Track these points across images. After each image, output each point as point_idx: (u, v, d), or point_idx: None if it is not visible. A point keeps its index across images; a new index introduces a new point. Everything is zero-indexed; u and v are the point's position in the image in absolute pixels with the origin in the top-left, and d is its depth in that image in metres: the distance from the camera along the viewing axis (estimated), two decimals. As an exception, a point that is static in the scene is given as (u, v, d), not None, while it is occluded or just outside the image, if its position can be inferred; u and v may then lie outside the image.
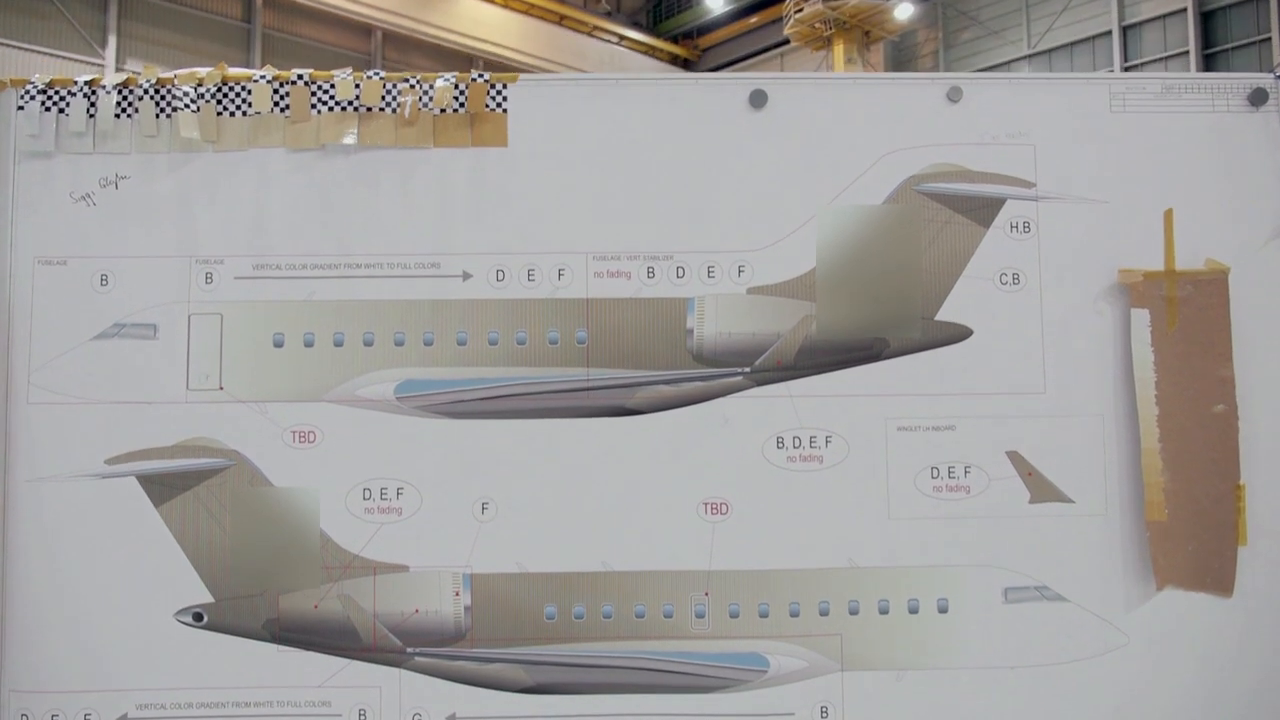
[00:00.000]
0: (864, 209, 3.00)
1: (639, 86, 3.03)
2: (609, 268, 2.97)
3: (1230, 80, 3.07)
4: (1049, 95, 3.05)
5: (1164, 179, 3.03)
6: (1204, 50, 29.83)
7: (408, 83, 3.00)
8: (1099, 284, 3.01)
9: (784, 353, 2.96)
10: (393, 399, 2.93)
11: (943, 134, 3.03)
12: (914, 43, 35.77)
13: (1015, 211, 3.02)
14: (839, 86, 3.06)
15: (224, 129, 2.98)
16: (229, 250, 2.97)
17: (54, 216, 2.96)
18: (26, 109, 2.96)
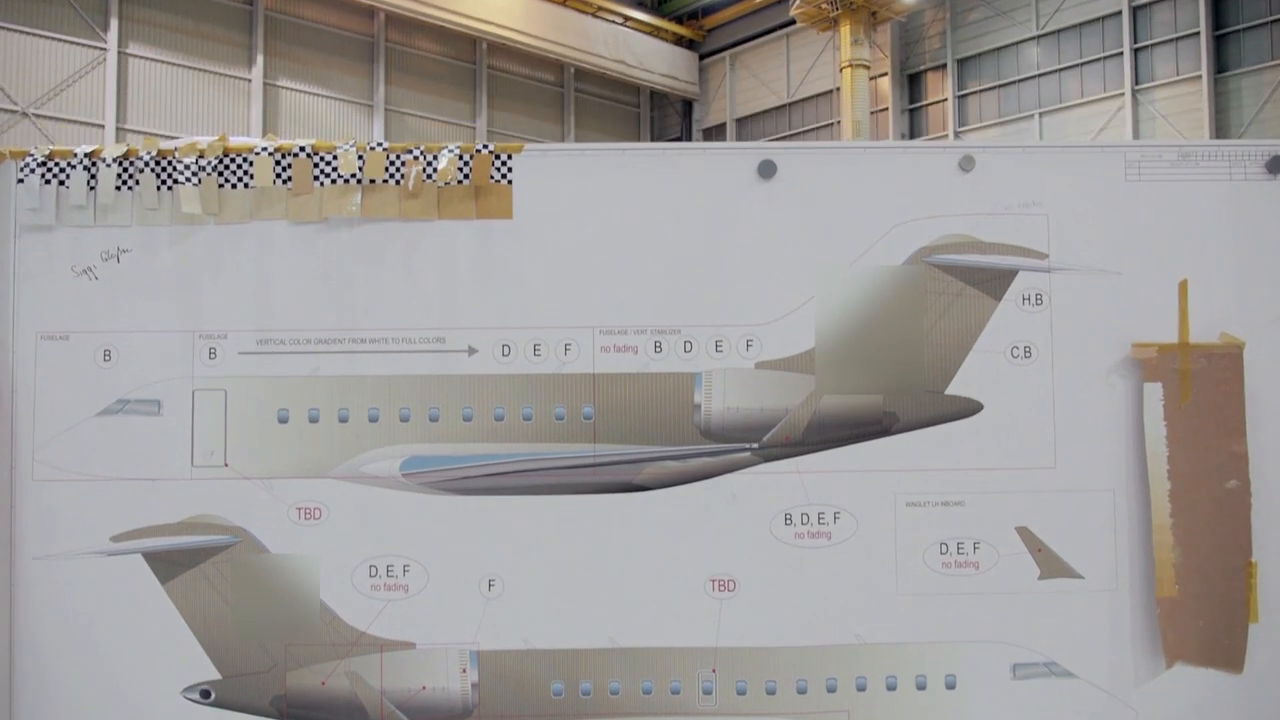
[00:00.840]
0: (873, 282, 2.96)
1: (645, 156, 2.99)
2: (616, 342, 2.94)
3: (1248, 148, 3.02)
4: (1063, 164, 3.00)
5: (1179, 249, 2.99)
6: (1215, 31, 29.49)
7: (411, 154, 2.96)
8: (1112, 357, 2.97)
9: (792, 428, 2.93)
10: (398, 475, 2.92)
11: (954, 204, 2.98)
12: (921, 23, 35.39)
13: (1027, 283, 2.98)
14: (849, 155, 3.01)
15: (226, 201, 2.95)
16: (232, 325, 2.94)
17: (55, 290, 2.94)
18: (26, 182, 2.92)
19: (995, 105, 34.13)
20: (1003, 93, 33.89)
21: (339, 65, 34.70)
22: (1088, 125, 31.88)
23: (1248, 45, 29.38)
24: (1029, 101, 33.21)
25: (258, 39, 32.84)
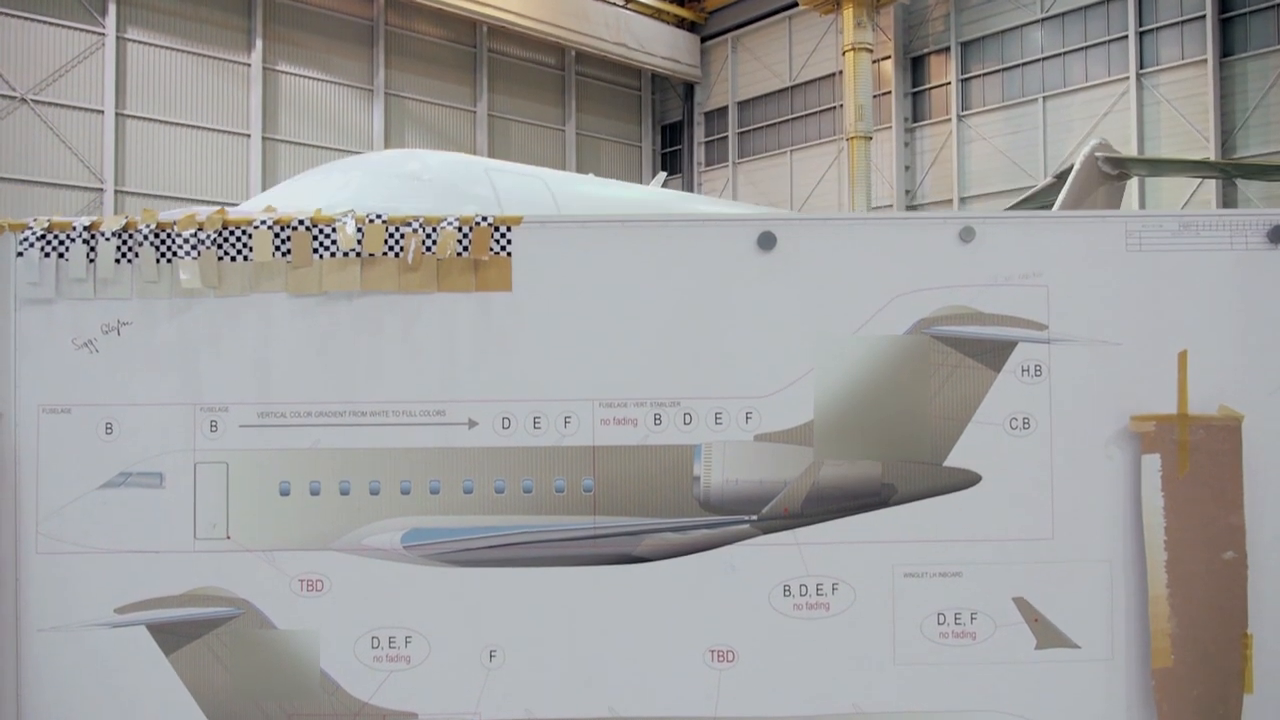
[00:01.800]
0: (873, 354, 2.97)
1: (645, 229, 2.98)
2: (615, 415, 2.95)
3: (1250, 217, 3.01)
4: (1063, 234, 3.00)
5: (1180, 319, 2.99)
6: (1220, 15, 29.22)
7: (410, 227, 2.96)
8: (1110, 428, 2.98)
9: (791, 500, 2.95)
10: (399, 548, 2.94)
11: (954, 275, 2.98)
12: (925, 6, 35.07)
13: (1027, 355, 2.98)
14: (849, 227, 3.01)
15: (225, 274, 2.95)
16: (233, 398, 2.95)
17: (57, 363, 2.95)
18: (26, 255, 2.93)
19: (999, 89, 33.89)
20: (1006, 76, 33.63)
21: (339, 50, 34.47)
22: (1092, 110, 31.68)
23: (1254, 29, 29.13)
24: (1033, 85, 32.97)
25: (257, 23, 32.62)
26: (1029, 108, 32.79)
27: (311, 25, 33.76)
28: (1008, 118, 33.41)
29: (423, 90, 36.32)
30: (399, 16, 35.39)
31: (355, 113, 34.93)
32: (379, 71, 34.98)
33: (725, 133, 40.96)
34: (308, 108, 34.09)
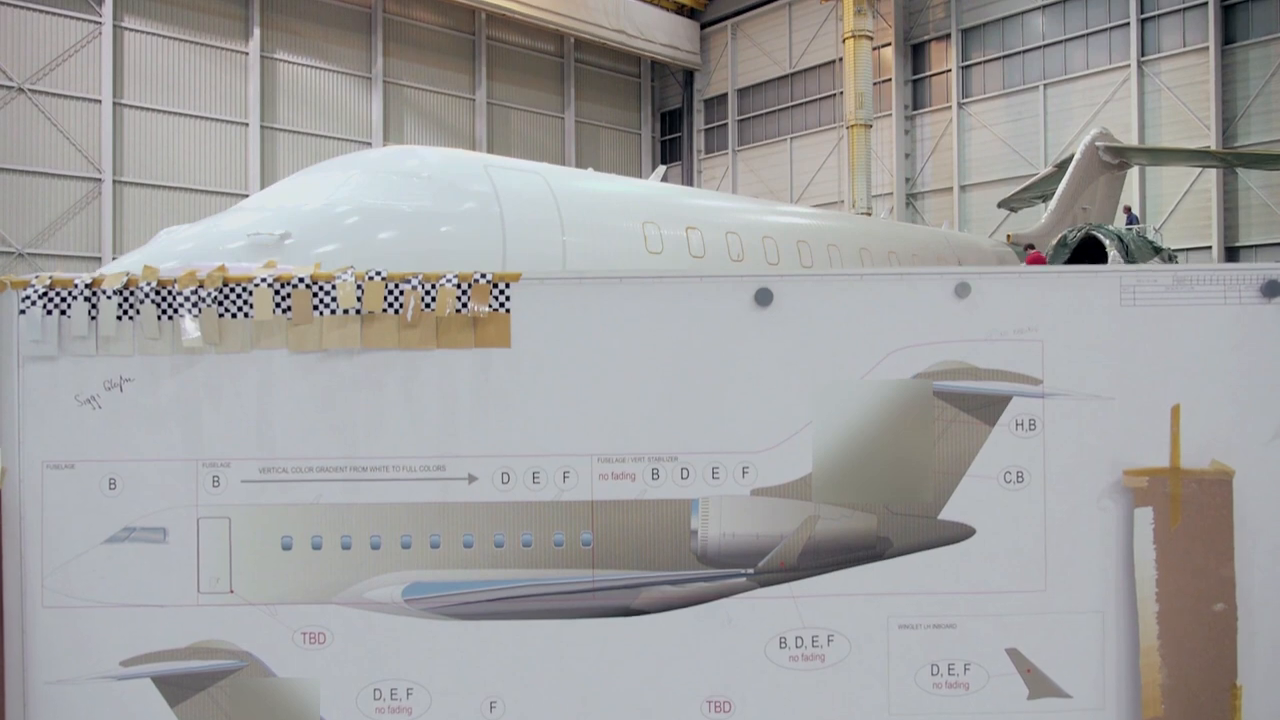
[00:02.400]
0: (869, 409, 2.99)
1: (643, 285, 3.00)
2: (614, 470, 2.98)
3: (1244, 272, 3.03)
4: (1058, 290, 3.02)
5: (1173, 373, 3.01)
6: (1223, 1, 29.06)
7: (410, 284, 2.98)
8: (1103, 481, 3.01)
9: (787, 554, 2.98)
10: (400, 601, 2.97)
11: (950, 330, 3.00)
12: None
13: (1021, 409, 3.01)
14: (845, 283, 3.02)
15: (226, 331, 2.97)
16: (235, 453, 2.98)
17: (60, 420, 2.97)
18: (28, 313, 2.95)
19: (1000, 76, 33.76)
20: (1007, 63, 33.50)
21: (337, 38, 34.30)
22: (1092, 97, 31.57)
23: (1256, 16, 28.98)
24: (1034, 73, 32.84)
25: (254, 11, 32.42)
26: (1030, 95, 32.68)
27: (309, 13, 33.58)
28: (1008, 105, 33.31)
29: (422, 78, 36.17)
30: (397, 4, 35.19)
31: (354, 101, 34.80)
32: (377, 59, 34.82)
33: (725, 120, 40.82)
34: (306, 96, 33.96)
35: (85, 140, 29.87)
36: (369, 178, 12.44)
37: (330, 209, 11.90)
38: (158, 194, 31.33)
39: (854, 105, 30.12)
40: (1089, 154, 26.97)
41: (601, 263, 14.66)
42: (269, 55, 32.82)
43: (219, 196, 32.18)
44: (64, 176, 29.53)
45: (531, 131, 38.99)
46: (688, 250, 16.17)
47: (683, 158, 41.89)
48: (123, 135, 30.65)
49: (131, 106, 30.75)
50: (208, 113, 31.89)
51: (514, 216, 13.28)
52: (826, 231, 19.77)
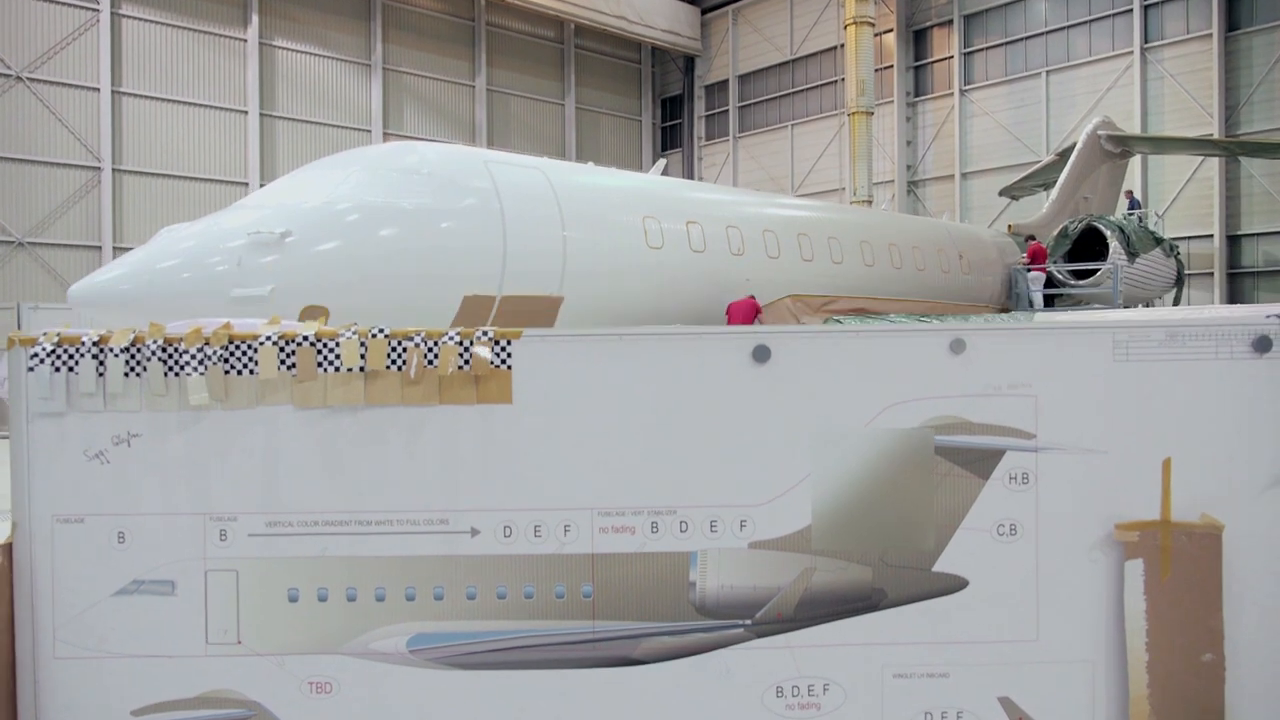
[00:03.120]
0: (865, 464, 3.04)
1: (642, 341, 3.04)
2: (614, 523, 3.04)
3: (1236, 327, 3.06)
4: (1051, 345, 3.06)
5: (1165, 427, 3.06)
6: (1228, -12, 28.88)
7: (413, 341, 3.02)
8: (1095, 533, 3.07)
9: (784, 605, 3.04)
10: (405, 651, 3.03)
11: (945, 386, 3.04)
12: (929, -22, 34.68)
13: (1015, 463, 3.06)
14: (841, 339, 3.06)
15: (232, 388, 3.02)
16: (242, 507, 3.03)
17: (69, 474, 3.02)
18: (37, 371, 2.99)
19: (1002, 63, 33.60)
20: (1009, 50, 33.33)
21: (336, 24, 34.12)
22: (1095, 84, 31.43)
23: (1260, 3, 28.81)
24: (1036, 59, 32.68)
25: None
26: (1032, 82, 32.53)
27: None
28: (1010, 92, 33.16)
29: (421, 65, 36.00)
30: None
31: (353, 88, 34.66)
32: (377, 46, 34.66)
33: (726, 106, 40.65)
34: (305, 83, 33.83)
35: (84, 129, 29.80)
36: (369, 175, 12.44)
37: (330, 206, 11.92)
38: (157, 182, 31.28)
39: (855, 93, 30.00)
40: (1091, 143, 26.90)
41: (602, 258, 14.66)
42: (267, 42, 32.67)
43: (219, 185, 32.14)
44: (63, 165, 29.48)
45: (531, 118, 38.84)
46: (688, 245, 16.17)
47: (683, 144, 41.76)
48: (122, 124, 30.57)
49: (130, 95, 30.65)
50: (207, 100, 31.78)
51: (514, 212, 13.29)
52: (827, 224, 19.75)
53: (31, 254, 28.87)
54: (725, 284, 16.60)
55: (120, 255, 30.28)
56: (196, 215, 33.59)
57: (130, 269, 10.85)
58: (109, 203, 30.12)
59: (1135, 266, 23.23)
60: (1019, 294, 23.12)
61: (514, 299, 13.28)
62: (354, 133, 34.60)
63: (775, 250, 17.86)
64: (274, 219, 11.42)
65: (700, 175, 41.62)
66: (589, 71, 40.27)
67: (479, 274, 12.86)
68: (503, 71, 37.91)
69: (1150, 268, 24.05)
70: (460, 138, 36.98)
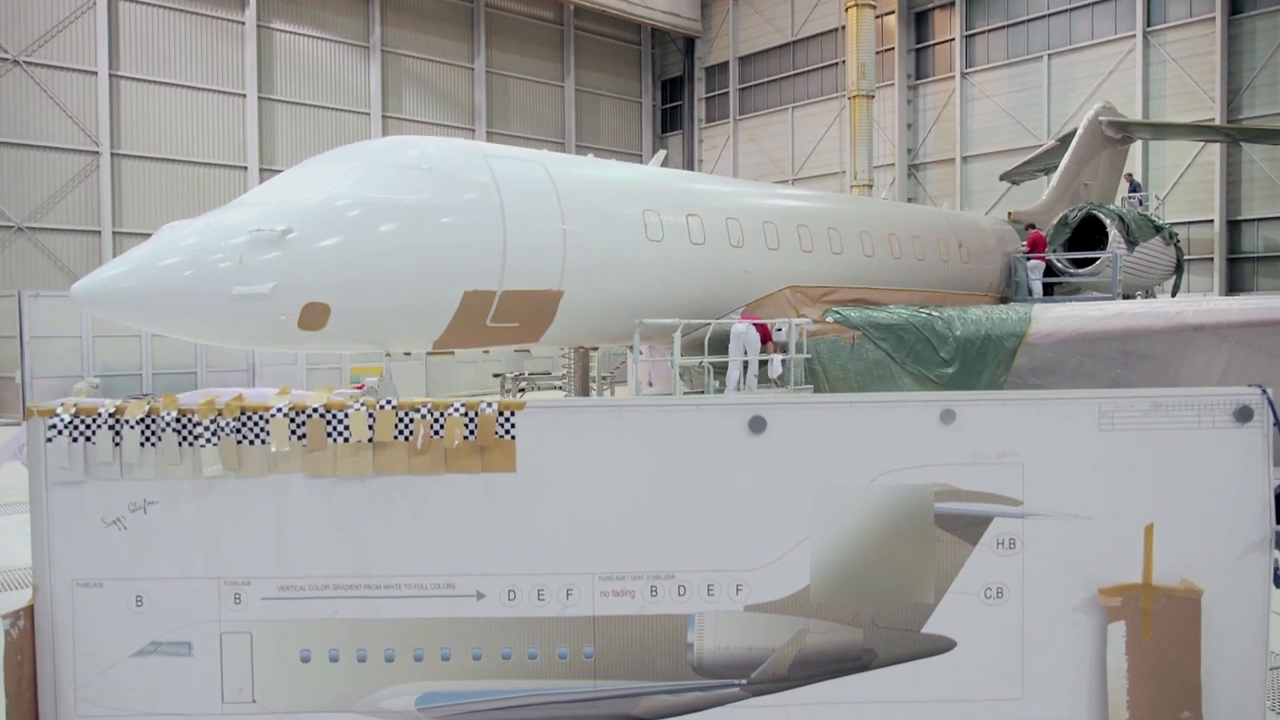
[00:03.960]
0: (859, 529, 3.14)
1: (641, 412, 3.13)
2: (614, 587, 3.15)
3: (1218, 397, 3.16)
4: (1038, 415, 3.15)
5: (1148, 494, 3.16)
6: (1229, -20, 28.69)
7: (419, 413, 3.11)
8: (1079, 596, 3.17)
9: (779, 665, 3.15)
10: (414, 710, 3.15)
11: (935, 454, 3.14)
12: (931, -39, 34.40)
13: (1002, 528, 3.16)
14: (835, 410, 3.16)
15: (244, 457, 3.12)
16: (255, 572, 3.14)
17: (88, 540, 3.13)
18: (55, 441, 3.09)
19: (1004, 45, 33.41)
20: (1011, 32, 33.13)
21: (334, 6, 33.87)
22: (1097, 68, 31.28)
23: (1262, 0, 28.68)
24: (1038, 42, 32.50)
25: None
26: (1033, 65, 32.36)
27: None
28: (1012, 75, 32.99)
29: (420, 47, 35.77)
30: (395, -27, 34.79)
31: (352, 71, 34.46)
32: (375, 28, 34.42)
33: (726, 88, 40.43)
34: (304, 66, 33.63)
35: (82, 113, 29.68)
36: (369, 170, 12.42)
37: (331, 203, 11.90)
38: (156, 167, 31.20)
39: (856, 75, 29.85)
40: (1092, 128, 26.80)
41: (602, 251, 14.69)
42: (265, 25, 32.46)
43: (217, 169, 32.07)
44: (61, 150, 29.39)
45: (531, 101, 38.66)
46: (688, 237, 16.19)
47: (683, 126, 41.60)
48: (119, 107, 30.45)
49: (127, 78, 30.51)
50: (204, 84, 31.63)
51: (514, 207, 13.30)
52: (827, 214, 19.73)
53: (31, 239, 28.87)
54: (725, 276, 16.63)
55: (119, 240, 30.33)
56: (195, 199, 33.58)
57: (132, 266, 10.83)
58: (108, 187, 30.07)
59: (1134, 255, 23.24)
60: (1018, 282, 23.13)
61: (514, 294, 13.33)
62: (352, 116, 34.47)
63: (775, 242, 17.87)
64: (274, 216, 11.43)
65: (700, 158, 41.50)
66: (588, 53, 40.01)
67: (479, 270, 12.89)
68: (502, 54, 37.68)
69: (1149, 256, 24.06)
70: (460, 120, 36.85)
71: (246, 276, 10.89)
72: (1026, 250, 23.18)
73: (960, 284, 22.17)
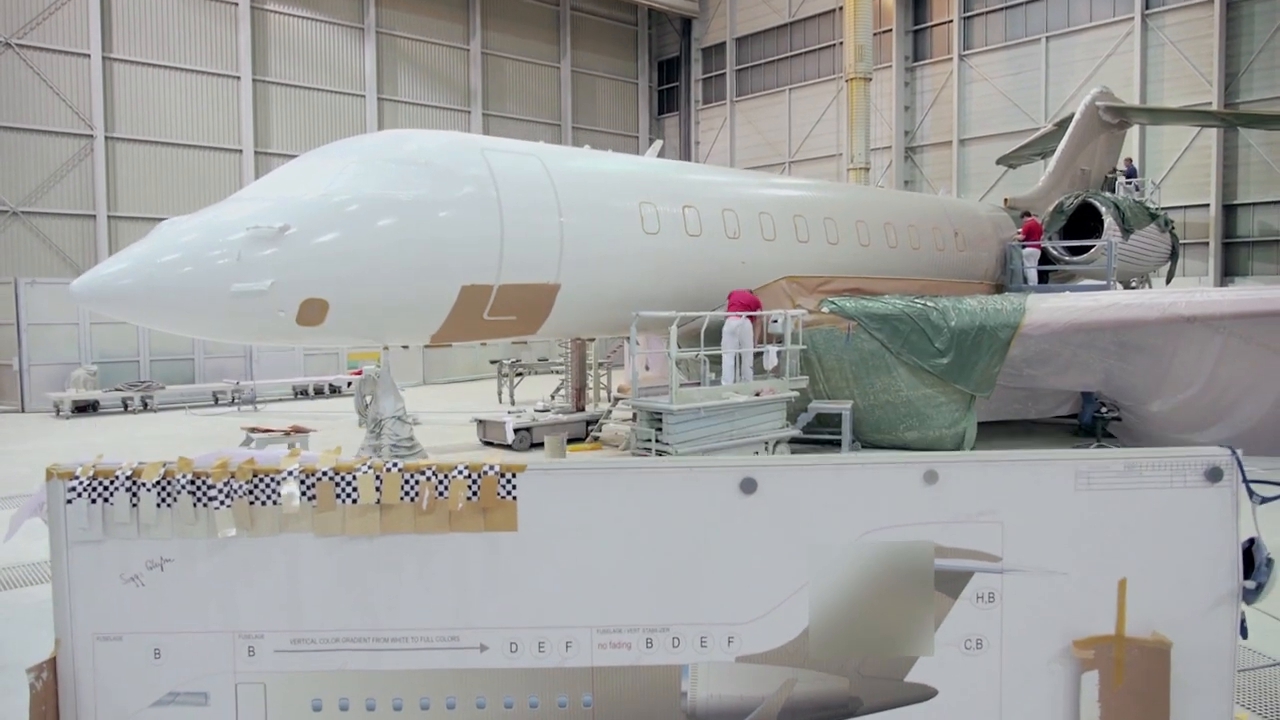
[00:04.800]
0: (845, 585, 3.29)
1: (637, 474, 3.27)
2: (611, 639, 3.29)
3: (1190, 457, 3.29)
4: (1017, 475, 3.29)
5: (1121, 551, 3.30)
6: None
7: (425, 475, 3.24)
8: (1054, 647, 3.33)
9: (767, 714, 3.31)
10: None
11: (918, 513, 3.28)
12: (930, -55, 34.20)
13: (982, 583, 3.31)
14: (823, 471, 3.29)
15: (257, 517, 3.25)
16: (269, 625, 3.28)
17: (107, 596, 3.27)
18: (75, 504, 3.22)
19: (1002, 27, 33.29)
20: (1009, 14, 33.00)
21: (328, -13, 33.68)
22: (1095, 51, 31.20)
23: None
24: (1036, 25, 32.38)
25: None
26: (1031, 48, 32.28)
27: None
28: (1010, 58, 32.91)
29: (415, 28, 35.56)
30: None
31: (346, 52, 34.29)
32: (370, 9, 34.19)
33: (723, 69, 40.29)
34: (298, 48, 33.45)
35: (75, 96, 29.55)
36: (366, 166, 12.45)
37: (328, 199, 11.94)
38: (150, 150, 31.09)
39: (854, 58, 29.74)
40: (1089, 113, 26.80)
41: (598, 244, 14.75)
42: (259, 6, 32.22)
43: (212, 152, 31.95)
44: (56, 133, 29.29)
45: (527, 82, 38.50)
46: (684, 229, 16.25)
47: (680, 108, 41.46)
48: (113, 90, 30.29)
49: (121, 61, 30.33)
50: (198, 66, 31.46)
51: (511, 200, 13.34)
52: (823, 204, 19.80)
53: (26, 224, 28.84)
54: (722, 268, 16.71)
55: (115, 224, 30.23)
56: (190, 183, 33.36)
57: (131, 263, 10.86)
58: (102, 171, 29.98)
59: (1129, 242, 23.35)
60: (1014, 270, 23.27)
61: (511, 288, 13.41)
62: (348, 98, 34.33)
63: (771, 233, 17.94)
64: (272, 212, 11.47)
65: (697, 140, 41.39)
66: (585, 34, 39.78)
67: (476, 264, 12.96)
68: (498, 35, 37.45)
69: (1144, 243, 24.17)
70: (455, 102, 36.69)
71: (245, 273, 10.99)
72: (1022, 238, 23.30)
73: (956, 272, 22.30)
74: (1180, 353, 15.95)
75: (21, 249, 28.95)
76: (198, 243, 11.14)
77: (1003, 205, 26.03)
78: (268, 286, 11.05)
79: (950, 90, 34.19)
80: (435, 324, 13.05)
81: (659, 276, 15.62)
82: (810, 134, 37.74)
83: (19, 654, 6.68)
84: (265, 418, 21.94)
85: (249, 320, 11.35)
